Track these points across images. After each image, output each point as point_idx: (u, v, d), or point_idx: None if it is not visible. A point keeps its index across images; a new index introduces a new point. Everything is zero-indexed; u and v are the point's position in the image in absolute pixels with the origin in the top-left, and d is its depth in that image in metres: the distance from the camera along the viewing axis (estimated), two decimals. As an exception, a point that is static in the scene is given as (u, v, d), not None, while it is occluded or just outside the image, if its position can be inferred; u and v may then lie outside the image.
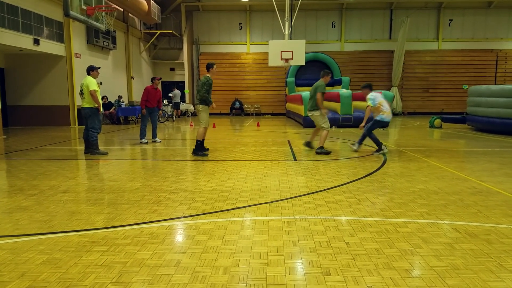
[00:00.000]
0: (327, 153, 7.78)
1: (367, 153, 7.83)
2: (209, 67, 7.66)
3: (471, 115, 12.65)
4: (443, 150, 8.22)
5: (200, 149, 7.69)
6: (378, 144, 7.73)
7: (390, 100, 14.03)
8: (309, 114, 8.01)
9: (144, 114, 9.55)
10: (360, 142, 8.04)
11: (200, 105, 7.49)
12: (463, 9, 22.37)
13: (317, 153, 7.81)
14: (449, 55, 22.70)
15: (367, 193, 4.61)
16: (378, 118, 7.67)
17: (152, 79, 9.74)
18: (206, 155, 7.66)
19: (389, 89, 22.00)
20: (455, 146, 8.96)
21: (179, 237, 3.23)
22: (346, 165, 6.47)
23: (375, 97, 7.67)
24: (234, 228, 3.42)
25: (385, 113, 7.63)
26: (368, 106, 7.64)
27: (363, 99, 15.11)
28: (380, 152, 7.70)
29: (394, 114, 21.82)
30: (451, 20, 22.66)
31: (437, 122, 13.82)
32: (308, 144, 8.44)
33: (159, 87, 10.84)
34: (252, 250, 2.92)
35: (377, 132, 12.27)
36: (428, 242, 3.08)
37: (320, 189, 4.82)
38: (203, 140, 7.77)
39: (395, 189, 4.83)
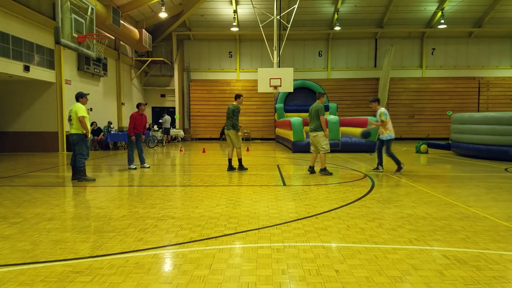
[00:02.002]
0: (330, 174, 8.32)
1: (356, 178, 7.87)
2: (237, 97, 9.08)
3: (455, 141, 12.88)
4: (430, 175, 8.32)
5: (242, 167, 9.12)
6: (398, 163, 8.47)
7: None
8: (313, 134, 8.38)
9: (134, 141, 9.53)
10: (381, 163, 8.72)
11: (233, 130, 8.80)
12: (445, 38, 23.24)
13: (321, 174, 8.37)
14: (433, 82, 23.36)
15: (356, 219, 4.60)
16: (390, 137, 8.40)
17: (138, 105, 9.77)
18: (246, 169, 9.22)
19: (375, 115, 22.38)
20: (441, 171, 9.08)
21: (165, 267, 3.16)
22: (335, 190, 6.48)
23: (387, 112, 8.49)
24: (222, 256, 3.37)
25: (391, 131, 8.44)
26: (382, 120, 8.36)
27: (350, 124, 15.39)
28: (399, 172, 8.44)
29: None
30: (434, 48, 23.47)
31: (423, 147, 14.04)
32: (312, 169, 8.63)
33: (146, 112, 10.83)
34: (240, 280, 2.87)
35: (364, 157, 12.41)
36: (418, 269, 3.07)
37: (309, 215, 4.80)
38: (240, 158, 9.12)
39: (383, 214, 4.83)
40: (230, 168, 9.10)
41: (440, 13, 20.98)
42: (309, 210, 5.09)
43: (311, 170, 8.62)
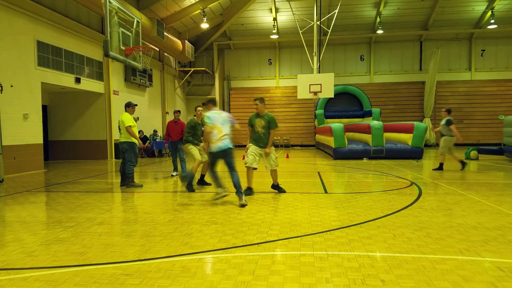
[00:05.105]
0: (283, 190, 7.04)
1: (401, 186, 7.61)
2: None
3: (508, 146, 12.10)
4: (481, 183, 7.86)
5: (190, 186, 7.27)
6: (219, 185, 6.16)
7: (423, 131, 13.63)
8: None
9: (167, 148, 9.82)
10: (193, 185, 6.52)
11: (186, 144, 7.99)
12: (495, 39, 22.00)
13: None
14: (483, 85, 22.14)
15: (402, 228, 4.45)
16: (211, 150, 6.17)
17: (174, 113, 10.10)
18: (193, 190, 7.29)
19: (421, 120, 21.55)
20: (493, 178, 8.56)
21: (210, 271, 3.23)
22: (379, 198, 6.30)
23: (212, 117, 6.00)
24: (265, 262, 3.38)
25: (213, 143, 6.03)
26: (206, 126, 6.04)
27: (395, 130, 14.88)
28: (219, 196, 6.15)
29: (428, 145, 21.20)
30: (484, 50, 22.28)
31: (473, 153, 13.31)
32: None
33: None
34: (284, 287, 2.87)
35: (410, 164, 11.94)
36: (469, 280, 2.91)
37: (353, 223, 4.71)
38: (201, 174, 8.02)
39: (431, 223, 4.63)
40: (200, 182, 8.06)
41: (490, 13, 19.91)
42: (353, 218, 4.99)
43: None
